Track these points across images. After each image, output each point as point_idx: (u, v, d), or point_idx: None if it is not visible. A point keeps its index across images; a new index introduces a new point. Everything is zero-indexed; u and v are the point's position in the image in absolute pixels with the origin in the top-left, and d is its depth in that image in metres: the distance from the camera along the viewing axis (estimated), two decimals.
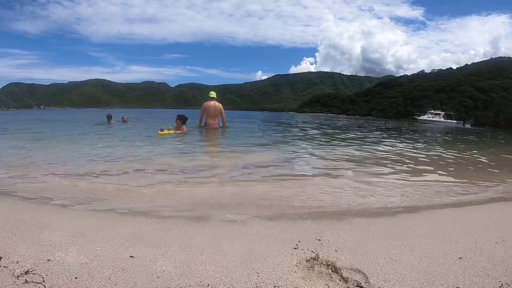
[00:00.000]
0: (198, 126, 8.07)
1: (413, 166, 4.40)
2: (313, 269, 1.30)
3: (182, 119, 7.45)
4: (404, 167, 4.25)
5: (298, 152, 5.44)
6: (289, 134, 9.87)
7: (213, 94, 8.03)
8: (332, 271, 1.29)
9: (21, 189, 2.61)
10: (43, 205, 2.16)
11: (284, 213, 2.18)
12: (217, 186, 2.91)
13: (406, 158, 5.16)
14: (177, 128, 7.32)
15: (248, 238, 1.64)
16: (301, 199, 2.55)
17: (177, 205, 2.30)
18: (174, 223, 1.88)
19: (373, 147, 6.74)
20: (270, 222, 1.93)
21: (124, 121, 12.03)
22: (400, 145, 7.70)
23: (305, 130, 12.42)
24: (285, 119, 27.94)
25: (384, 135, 11.27)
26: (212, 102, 7.91)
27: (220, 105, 7.98)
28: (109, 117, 11.82)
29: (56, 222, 1.76)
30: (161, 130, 7.03)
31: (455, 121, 38.82)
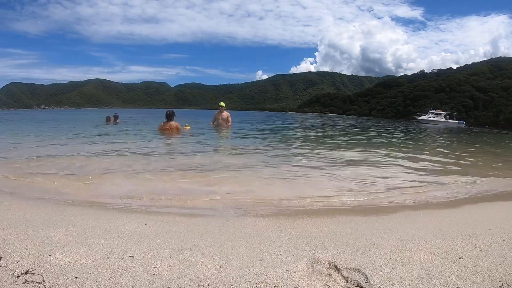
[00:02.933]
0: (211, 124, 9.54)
1: (414, 165, 4.40)
2: (313, 269, 1.30)
3: (168, 115, 7.28)
4: (406, 167, 4.25)
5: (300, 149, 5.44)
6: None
7: (222, 104, 9.13)
8: (332, 271, 1.29)
9: (22, 189, 2.61)
10: (43, 205, 2.16)
11: (284, 213, 2.18)
12: (217, 186, 2.91)
13: (408, 158, 5.17)
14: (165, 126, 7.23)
15: (248, 238, 1.64)
16: (301, 198, 2.55)
17: (176, 205, 2.30)
18: (174, 223, 1.88)
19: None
20: (270, 222, 1.93)
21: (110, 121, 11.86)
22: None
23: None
24: (296, 120, 25.66)
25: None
26: (223, 112, 9.09)
27: (228, 114, 9.31)
28: (116, 117, 12.06)
29: (56, 222, 1.76)
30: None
31: (457, 121, 38.70)
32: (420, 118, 41.18)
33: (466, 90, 53.26)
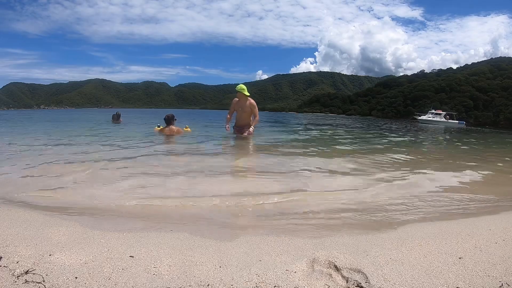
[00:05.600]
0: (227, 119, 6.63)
1: (415, 164, 4.40)
2: (313, 269, 1.30)
3: (167, 120, 7.26)
4: (407, 166, 4.25)
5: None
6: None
7: (241, 87, 6.31)
8: (332, 271, 1.29)
9: (23, 189, 2.61)
10: (44, 205, 2.16)
11: (284, 213, 2.18)
12: (216, 185, 2.91)
13: (409, 157, 5.17)
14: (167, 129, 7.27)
15: (248, 238, 1.64)
16: (300, 198, 2.54)
17: (177, 205, 2.29)
18: (174, 223, 1.88)
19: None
20: (270, 222, 1.93)
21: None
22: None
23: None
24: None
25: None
26: (245, 101, 6.21)
27: (254, 103, 6.30)
28: (118, 116, 12.49)
29: (56, 222, 1.76)
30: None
31: (457, 121, 38.70)
32: (420, 118, 41.16)
33: (466, 90, 53.33)
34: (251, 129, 6.26)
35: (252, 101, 6.25)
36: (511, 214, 2.27)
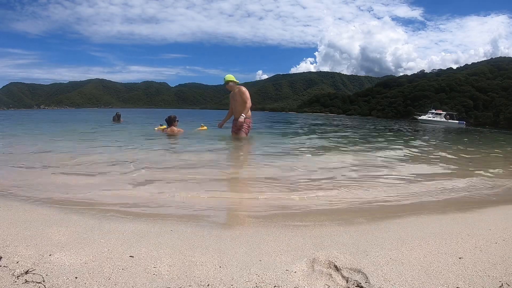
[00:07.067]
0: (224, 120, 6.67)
1: (415, 164, 4.40)
2: (313, 269, 1.30)
3: (168, 121, 7.64)
4: (408, 165, 4.25)
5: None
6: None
7: (229, 77, 5.97)
8: (332, 271, 1.29)
9: (23, 189, 2.61)
10: (43, 205, 2.16)
11: (283, 212, 2.18)
12: (215, 185, 2.91)
13: (409, 157, 5.17)
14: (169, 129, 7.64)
15: (248, 239, 1.64)
16: (300, 198, 2.54)
17: (177, 205, 2.30)
18: (175, 223, 1.87)
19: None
20: (269, 222, 1.93)
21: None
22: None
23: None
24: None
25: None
26: (235, 90, 5.84)
27: (242, 90, 5.80)
28: (118, 116, 12.88)
29: (56, 222, 1.76)
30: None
31: (457, 121, 38.68)
32: (420, 118, 41.13)
33: (466, 90, 53.35)
34: (241, 118, 5.68)
35: (242, 88, 5.80)
36: (511, 213, 2.28)
